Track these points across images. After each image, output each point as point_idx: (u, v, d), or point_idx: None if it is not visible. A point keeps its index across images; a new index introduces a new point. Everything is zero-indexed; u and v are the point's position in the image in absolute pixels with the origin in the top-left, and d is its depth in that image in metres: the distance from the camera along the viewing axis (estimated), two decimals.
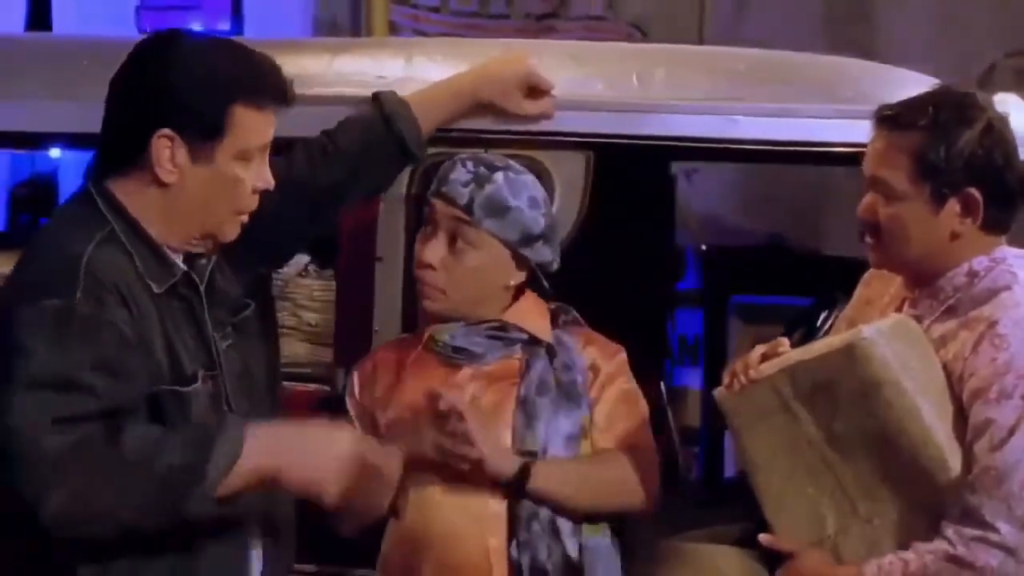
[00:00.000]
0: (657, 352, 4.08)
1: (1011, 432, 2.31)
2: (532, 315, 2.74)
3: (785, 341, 2.51)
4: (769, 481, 2.49)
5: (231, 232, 2.41)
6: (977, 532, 2.30)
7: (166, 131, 2.28)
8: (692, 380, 5.17)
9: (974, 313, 2.40)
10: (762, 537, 2.48)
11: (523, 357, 2.69)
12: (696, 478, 4.89)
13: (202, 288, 2.41)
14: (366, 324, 3.00)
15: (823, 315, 3.54)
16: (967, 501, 2.32)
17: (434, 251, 2.66)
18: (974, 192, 2.39)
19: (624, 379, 2.74)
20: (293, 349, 3.10)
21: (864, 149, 2.55)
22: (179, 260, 2.38)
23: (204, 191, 2.33)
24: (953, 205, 2.40)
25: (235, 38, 2.50)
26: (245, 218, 2.40)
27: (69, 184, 4.93)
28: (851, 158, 2.89)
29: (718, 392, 2.53)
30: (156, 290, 2.32)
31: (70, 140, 3.19)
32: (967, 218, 2.41)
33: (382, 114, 2.81)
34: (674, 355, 4.96)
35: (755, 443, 2.49)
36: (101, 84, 2.37)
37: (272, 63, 2.38)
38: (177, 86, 2.28)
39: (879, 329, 2.39)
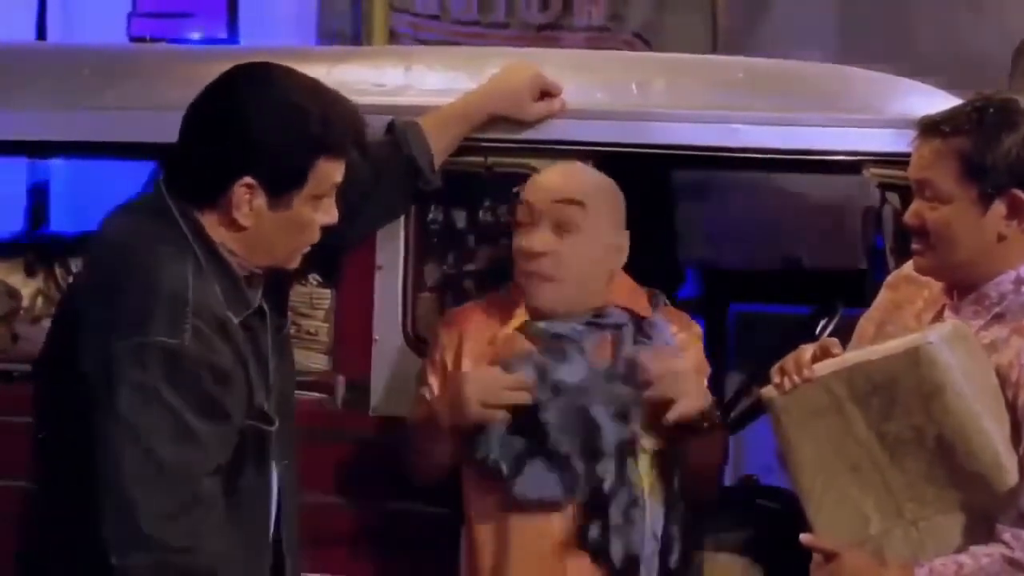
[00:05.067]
0: None
1: None
2: (631, 295, 2.82)
3: (836, 342, 2.51)
4: (814, 481, 2.48)
5: (296, 263, 2.43)
6: None
7: (248, 179, 2.28)
8: None
9: None
10: (803, 537, 2.47)
11: (613, 334, 2.76)
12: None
13: (268, 319, 2.42)
14: (365, 333, 2.99)
15: (822, 324, 3.53)
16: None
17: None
18: (1019, 194, 2.41)
19: (696, 349, 2.85)
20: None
21: (865, 158, 2.55)
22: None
23: (277, 233, 2.34)
24: (999, 207, 2.42)
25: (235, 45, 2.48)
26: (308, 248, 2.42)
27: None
28: (852, 167, 2.90)
29: (767, 391, 2.52)
30: (234, 320, 2.31)
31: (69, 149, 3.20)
32: (1012, 220, 2.43)
33: (393, 138, 2.83)
34: None
35: (802, 443, 2.48)
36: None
37: (353, 110, 2.39)
38: (265, 140, 2.27)
39: (942, 334, 2.39)
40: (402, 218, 2.97)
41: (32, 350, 2.92)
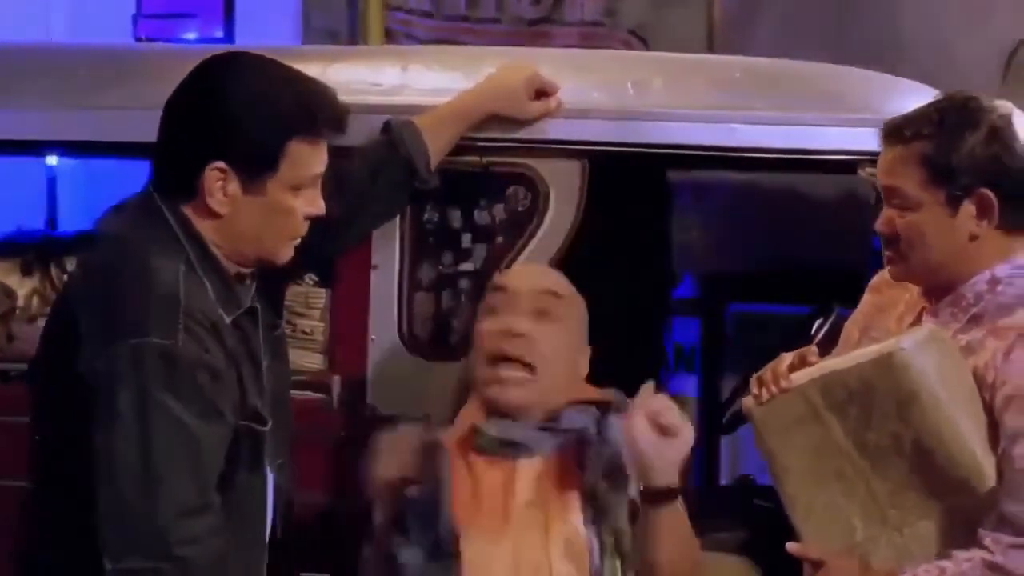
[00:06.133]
0: (653, 360, 4.08)
1: None
2: (592, 393, 2.65)
3: (814, 350, 2.51)
4: (799, 489, 2.48)
5: (285, 255, 2.39)
6: (1015, 539, 2.31)
7: (219, 164, 2.26)
8: (688, 388, 5.17)
9: (1004, 322, 2.40)
10: (790, 545, 2.46)
11: (575, 439, 2.56)
12: (692, 486, 4.89)
13: (259, 320, 2.40)
14: (361, 332, 2.99)
15: (818, 323, 3.54)
16: (1003, 509, 2.33)
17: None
18: (988, 193, 2.39)
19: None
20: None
21: (862, 157, 2.54)
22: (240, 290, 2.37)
23: (256, 221, 2.32)
24: (968, 207, 2.40)
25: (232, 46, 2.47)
26: (298, 240, 2.39)
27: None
28: (848, 166, 2.90)
29: (747, 402, 2.52)
30: (226, 320, 2.31)
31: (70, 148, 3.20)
32: (983, 220, 2.41)
33: (389, 139, 2.82)
34: (670, 363, 4.97)
35: (785, 452, 2.48)
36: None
37: (329, 93, 2.36)
38: (233, 120, 2.26)
39: (916, 340, 2.39)
40: (398, 217, 2.97)
41: (28, 350, 2.91)
